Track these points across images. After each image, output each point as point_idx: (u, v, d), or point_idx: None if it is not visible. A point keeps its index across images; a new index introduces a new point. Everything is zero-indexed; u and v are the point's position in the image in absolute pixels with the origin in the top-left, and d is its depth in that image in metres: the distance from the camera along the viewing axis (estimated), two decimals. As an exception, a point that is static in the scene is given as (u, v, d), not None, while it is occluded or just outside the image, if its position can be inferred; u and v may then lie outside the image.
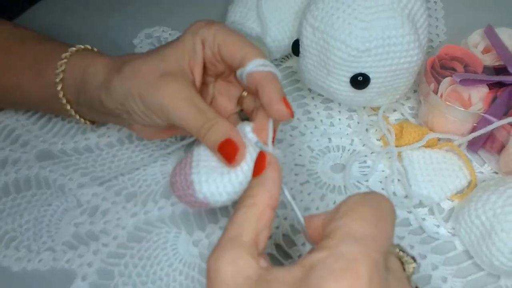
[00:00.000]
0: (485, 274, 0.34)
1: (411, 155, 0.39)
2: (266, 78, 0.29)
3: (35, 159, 0.42)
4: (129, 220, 0.38)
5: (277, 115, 0.29)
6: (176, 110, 0.30)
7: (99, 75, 0.34)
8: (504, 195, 0.33)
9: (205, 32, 0.32)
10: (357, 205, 0.23)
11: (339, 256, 0.21)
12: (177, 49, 0.32)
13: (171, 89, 0.31)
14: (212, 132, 0.29)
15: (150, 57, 0.33)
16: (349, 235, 0.22)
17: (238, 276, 0.22)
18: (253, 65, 0.30)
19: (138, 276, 0.35)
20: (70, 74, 0.36)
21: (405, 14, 0.36)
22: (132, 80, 0.32)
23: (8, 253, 0.37)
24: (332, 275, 0.20)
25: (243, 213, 0.24)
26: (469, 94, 0.38)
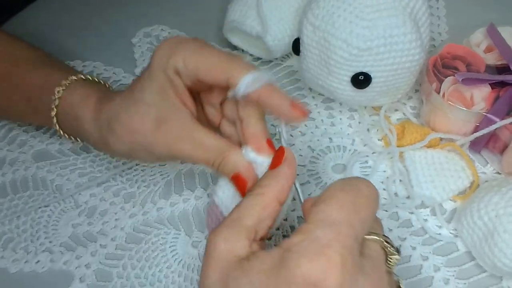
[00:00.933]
0: (488, 275, 0.34)
1: (413, 155, 0.38)
2: (265, 94, 0.28)
3: (33, 159, 0.42)
4: (128, 221, 0.38)
5: (294, 121, 0.29)
6: (185, 155, 0.30)
7: (92, 132, 0.33)
8: (506, 196, 0.33)
9: (174, 62, 0.29)
10: (335, 191, 0.24)
11: (313, 240, 0.22)
12: (155, 90, 0.30)
13: (172, 135, 0.30)
14: (223, 166, 0.30)
15: (134, 107, 0.30)
16: (323, 220, 0.23)
17: (229, 253, 0.23)
18: (244, 86, 0.28)
19: (137, 278, 0.35)
20: (63, 112, 0.35)
21: (407, 13, 0.36)
22: (129, 137, 0.31)
23: (5, 254, 0.36)
24: (306, 258, 0.21)
25: (250, 199, 0.26)
26: (472, 93, 0.38)
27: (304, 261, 0.21)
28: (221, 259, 0.23)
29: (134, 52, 0.50)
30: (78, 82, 0.35)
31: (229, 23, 0.45)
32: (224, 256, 0.23)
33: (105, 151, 0.34)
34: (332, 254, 0.21)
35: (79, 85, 0.35)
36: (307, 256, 0.21)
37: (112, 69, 0.48)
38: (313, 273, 0.21)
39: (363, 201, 0.24)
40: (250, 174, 0.29)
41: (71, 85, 0.35)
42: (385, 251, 0.25)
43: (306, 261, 0.21)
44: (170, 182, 0.40)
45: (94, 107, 0.33)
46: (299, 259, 0.21)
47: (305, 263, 0.21)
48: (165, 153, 0.31)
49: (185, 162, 0.38)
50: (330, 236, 0.22)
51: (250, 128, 0.30)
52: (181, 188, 0.39)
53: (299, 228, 0.23)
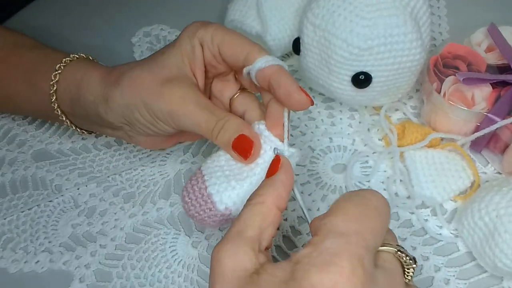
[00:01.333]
0: (488, 275, 0.34)
1: (413, 155, 0.38)
2: (278, 72, 0.29)
3: (32, 159, 0.42)
4: (127, 221, 0.37)
5: (298, 104, 0.29)
6: (187, 115, 0.30)
7: (95, 88, 0.33)
8: (507, 196, 0.33)
9: (203, 33, 0.31)
10: (343, 202, 0.24)
11: (322, 250, 0.22)
12: (175, 54, 0.31)
13: (178, 94, 0.30)
14: (225, 130, 0.29)
15: (149, 65, 0.32)
16: (332, 230, 0.22)
17: (236, 268, 0.23)
18: (262, 61, 0.29)
19: (137, 278, 0.35)
20: (64, 86, 0.35)
21: (408, 12, 0.36)
22: (133, 90, 0.31)
23: (5, 254, 0.36)
24: (315, 268, 0.21)
25: (249, 210, 0.25)
26: (472, 93, 0.38)
27: (313, 271, 0.21)
28: (229, 275, 0.23)
29: (134, 52, 0.49)
30: (82, 58, 0.36)
31: (229, 23, 0.45)
32: (232, 271, 0.23)
33: (101, 111, 0.33)
34: (342, 263, 0.21)
35: (83, 60, 0.36)
36: (316, 266, 0.21)
37: (112, 68, 0.48)
38: (323, 284, 0.21)
39: (372, 212, 0.24)
40: (256, 138, 0.29)
41: (73, 61, 0.35)
42: (401, 262, 0.24)
43: (315, 272, 0.21)
44: (170, 182, 0.40)
45: (104, 69, 0.34)
46: (308, 270, 0.21)
47: (314, 273, 0.21)
48: (164, 109, 0.30)
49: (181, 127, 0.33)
50: (339, 245, 0.22)
51: (274, 108, 0.30)
52: (181, 188, 0.39)
53: (309, 241, 0.23)
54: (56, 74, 0.35)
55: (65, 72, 0.35)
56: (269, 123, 0.30)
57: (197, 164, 0.40)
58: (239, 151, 0.29)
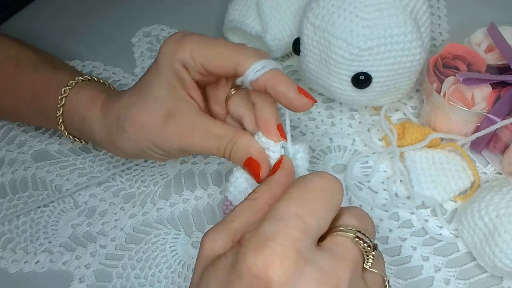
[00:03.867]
0: (488, 275, 0.34)
1: (413, 155, 0.38)
2: (271, 79, 0.28)
3: (32, 159, 0.42)
4: (127, 221, 0.37)
5: (300, 109, 0.28)
6: (196, 147, 0.30)
7: (99, 132, 0.33)
8: (507, 196, 0.33)
9: (181, 56, 0.29)
10: (289, 188, 0.25)
11: (260, 234, 0.23)
12: (163, 85, 0.30)
13: (182, 129, 0.30)
14: (235, 152, 0.30)
15: (142, 102, 0.31)
16: (272, 215, 0.23)
17: (211, 252, 0.24)
18: (253, 71, 0.28)
19: (137, 278, 0.35)
20: (69, 119, 0.35)
21: (407, 12, 0.36)
22: (138, 135, 0.31)
23: (5, 254, 0.36)
24: (251, 251, 0.22)
25: (242, 204, 0.26)
26: (472, 93, 0.38)
27: (249, 254, 0.22)
28: (204, 258, 0.24)
29: (134, 52, 0.49)
30: (84, 82, 0.36)
31: (229, 23, 0.45)
32: (207, 255, 0.24)
33: (113, 151, 0.34)
34: (274, 246, 0.22)
35: (85, 85, 0.35)
36: (252, 249, 0.22)
37: (112, 69, 0.48)
38: (256, 265, 0.22)
39: (315, 194, 0.24)
40: (263, 157, 0.29)
41: (77, 85, 0.35)
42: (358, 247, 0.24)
43: (250, 254, 0.22)
44: (170, 182, 0.40)
45: (101, 106, 0.33)
46: (245, 253, 0.22)
47: (249, 256, 0.22)
48: (175, 147, 0.31)
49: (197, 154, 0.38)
50: (275, 229, 0.22)
51: (263, 112, 0.30)
52: (181, 188, 0.39)
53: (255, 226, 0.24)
54: (62, 99, 0.35)
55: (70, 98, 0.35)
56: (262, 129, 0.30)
57: (197, 164, 0.40)
58: (250, 172, 0.29)
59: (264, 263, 0.21)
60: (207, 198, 0.38)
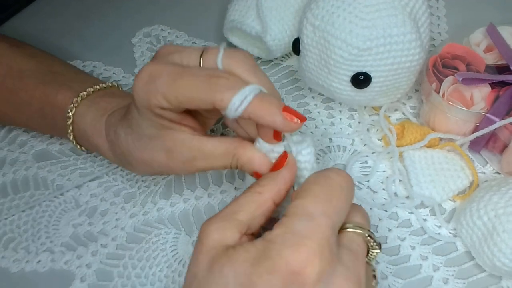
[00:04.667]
0: (487, 275, 0.34)
1: (412, 155, 0.39)
2: (255, 111, 0.26)
3: (33, 159, 0.42)
4: (128, 221, 0.38)
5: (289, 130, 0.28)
6: (202, 169, 0.31)
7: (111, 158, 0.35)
8: (506, 196, 0.33)
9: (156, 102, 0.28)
10: (310, 184, 0.26)
11: (294, 231, 0.23)
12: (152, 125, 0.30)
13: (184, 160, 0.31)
14: (241, 166, 0.30)
15: (140, 142, 0.31)
16: (301, 212, 0.24)
17: (220, 242, 0.25)
18: (232, 111, 0.26)
19: (137, 278, 0.35)
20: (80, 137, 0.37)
21: (407, 13, 0.36)
22: (147, 168, 0.33)
23: (7, 254, 0.36)
24: (288, 249, 0.23)
25: (247, 196, 0.27)
26: (471, 93, 0.38)
27: (287, 251, 0.23)
28: (211, 247, 0.25)
29: (134, 52, 0.50)
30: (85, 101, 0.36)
31: (229, 23, 0.45)
32: (215, 245, 0.25)
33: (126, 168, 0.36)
34: (312, 244, 0.23)
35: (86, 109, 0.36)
36: (290, 247, 0.23)
37: (112, 69, 0.48)
38: (294, 262, 0.23)
39: (336, 191, 0.25)
40: (265, 167, 0.30)
41: (79, 107, 0.36)
42: (367, 245, 0.27)
43: (289, 252, 0.23)
44: (171, 182, 0.40)
45: (105, 138, 0.35)
46: (282, 250, 0.23)
47: (287, 253, 0.23)
48: (184, 172, 0.33)
49: None
50: (308, 227, 0.24)
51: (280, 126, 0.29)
52: (181, 188, 0.39)
53: (280, 221, 0.25)
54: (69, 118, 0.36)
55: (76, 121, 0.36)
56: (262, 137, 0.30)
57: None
58: None
59: (303, 260, 0.23)
60: (208, 198, 0.39)
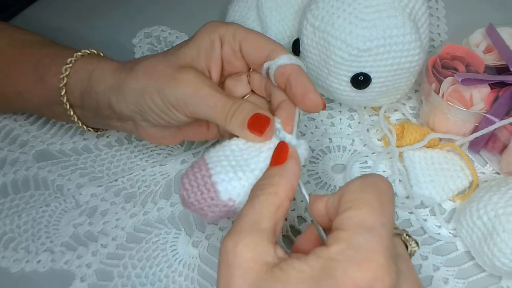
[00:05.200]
0: (487, 275, 0.34)
1: (412, 156, 0.39)
2: (298, 71, 0.30)
3: (34, 159, 0.42)
4: (128, 221, 0.38)
5: (311, 104, 0.29)
6: (202, 98, 0.30)
7: (107, 78, 0.33)
8: (506, 196, 0.33)
9: (224, 30, 0.31)
10: (360, 193, 0.24)
11: (357, 247, 0.22)
12: (192, 48, 0.32)
13: (193, 78, 0.30)
14: (240, 110, 0.29)
15: (164, 56, 0.32)
16: (361, 225, 0.22)
17: (257, 261, 0.22)
18: (285, 58, 0.30)
19: (137, 277, 0.35)
20: (74, 78, 0.35)
21: (406, 14, 0.36)
22: (148, 76, 0.31)
23: (7, 254, 0.36)
24: (355, 266, 0.21)
25: (263, 200, 0.24)
26: (471, 94, 0.38)
27: (353, 269, 0.21)
28: (249, 268, 0.22)
29: (135, 53, 0.50)
30: (93, 54, 0.37)
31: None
32: (252, 265, 0.22)
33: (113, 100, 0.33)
34: (380, 259, 0.21)
35: (95, 55, 0.37)
36: (355, 264, 0.21)
37: (113, 69, 0.48)
38: (363, 280, 0.21)
39: (388, 199, 0.24)
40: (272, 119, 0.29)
41: (85, 56, 0.36)
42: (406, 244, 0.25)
43: (355, 269, 0.21)
44: (171, 182, 0.40)
45: (117, 63, 0.34)
46: (347, 267, 0.21)
47: (354, 270, 0.21)
48: (180, 99, 0.30)
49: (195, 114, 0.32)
50: (372, 241, 0.22)
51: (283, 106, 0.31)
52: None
53: (335, 237, 0.23)
54: (66, 68, 0.35)
55: (76, 65, 0.35)
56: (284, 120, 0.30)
57: (197, 164, 0.41)
58: (255, 128, 0.28)
59: (372, 277, 0.21)
60: (208, 198, 0.39)
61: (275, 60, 0.30)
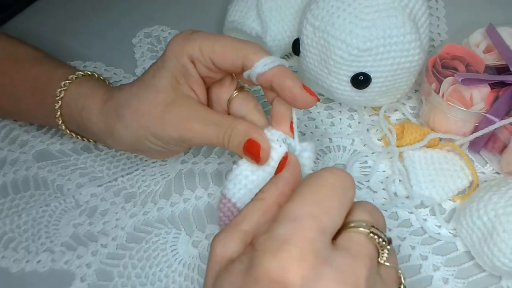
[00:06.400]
0: (487, 275, 0.34)
1: (412, 155, 0.39)
2: (278, 74, 0.29)
3: (34, 159, 0.42)
4: (128, 220, 0.38)
5: (304, 104, 0.29)
6: (196, 136, 0.30)
7: (98, 121, 0.33)
8: (506, 196, 0.33)
9: (189, 50, 0.30)
10: (300, 186, 0.24)
11: (275, 237, 0.22)
12: (167, 76, 0.31)
13: (181, 117, 0.30)
14: (233, 137, 0.30)
15: (144, 93, 0.31)
16: (285, 216, 0.23)
17: (224, 257, 0.24)
18: (261, 65, 0.29)
19: (137, 277, 0.35)
20: (68, 111, 0.35)
21: (406, 13, 0.36)
22: (137, 121, 0.31)
23: (7, 254, 0.36)
24: (267, 254, 0.21)
25: (250, 204, 0.26)
26: (471, 93, 0.38)
27: (265, 258, 0.21)
28: (216, 262, 0.24)
29: (135, 53, 0.50)
30: (84, 77, 0.37)
31: (229, 24, 0.46)
32: (218, 259, 0.24)
33: (110, 142, 0.34)
34: (291, 249, 0.21)
35: (85, 80, 0.36)
36: (268, 252, 0.22)
37: (113, 69, 0.48)
38: (274, 270, 0.21)
39: (327, 191, 0.23)
40: (262, 138, 0.29)
41: (77, 79, 0.36)
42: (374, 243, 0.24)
43: (267, 258, 0.21)
44: (171, 182, 0.40)
45: (101, 98, 0.34)
46: (261, 257, 0.22)
47: (266, 260, 0.21)
48: (174, 136, 0.31)
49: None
50: (290, 231, 0.22)
51: (280, 107, 0.30)
52: (181, 188, 0.39)
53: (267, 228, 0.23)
54: (61, 91, 0.35)
55: (69, 91, 0.35)
56: (275, 121, 0.30)
57: (197, 164, 0.41)
58: (250, 154, 0.29)
59: (282, 267, 0.21)
60: (208, 198, 0.39)
61: (252, 69, 0.29)
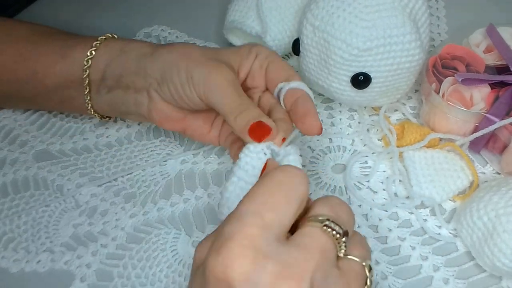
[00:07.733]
0: (487, 275, 0.34)
1: (412, 156, 0.39)
2: (306, 96, 0.33)
3: (33, 159, 0.42)
4: (128, 221, 0.38)
5: (310, 125, 0.31)
6: (219, 88, 0.32)
7: (143, 48, 0.36)
8: (506, 196, 0.33)
9: (261, 49, 0.35)
10: (251, 188, 0.24)
11: (220, 235, 0.23)
12: (233, 51, 0.35)
13: (219, 70, 0.33)
14: (246, 113, 0.31)
15: (205, 48, 0.35)
16: (232, 215, 0.23)
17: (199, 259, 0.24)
18: (297, 83, 0.33)
19: (137, 278, 0.35)
20: (103, 50, 0.37)
21: (406, 13, 0.36)
22: (182, 54, 0.34)
23: (6, 254, 0.36)
24: (211, 254, 0.22)
25: None
26: (471, 93, 0.38)
27: (211, 258, 0.22)
28: (195, 267, 0.25)
29: (135, 53, 0.50)
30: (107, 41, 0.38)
31: (229, 24, 0.45)
32: (197, 264, 0.24)
33: (140, 63, 0.35)
34: (232, 246, 0.22)
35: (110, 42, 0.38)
36: (213, 252, 0.22)
37: (113, 69, 0.48)
38: (217, 268, 0.22)
39: (272, 188, 0.24)
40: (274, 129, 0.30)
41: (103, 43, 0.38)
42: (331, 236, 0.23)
43: (212, 258, 0.22)
44: (171, 182, 0.40)
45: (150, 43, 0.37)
46: (209, 257, 0.22)
47: (211, 259, 0.22)
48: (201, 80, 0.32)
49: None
50: (233, 229, 0.22)
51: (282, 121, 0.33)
52: (181, 188, 0.39)
53: None
54: (96, 44, 0.37)
55: (107, 41, 0.38)
56: None
57: (197, 164, 0.41)
58: (254, 135, 0.30)
59: (223, 264, 0.22)
60: (208, 198, 0.39)
61: (289, 82, 0.33)
